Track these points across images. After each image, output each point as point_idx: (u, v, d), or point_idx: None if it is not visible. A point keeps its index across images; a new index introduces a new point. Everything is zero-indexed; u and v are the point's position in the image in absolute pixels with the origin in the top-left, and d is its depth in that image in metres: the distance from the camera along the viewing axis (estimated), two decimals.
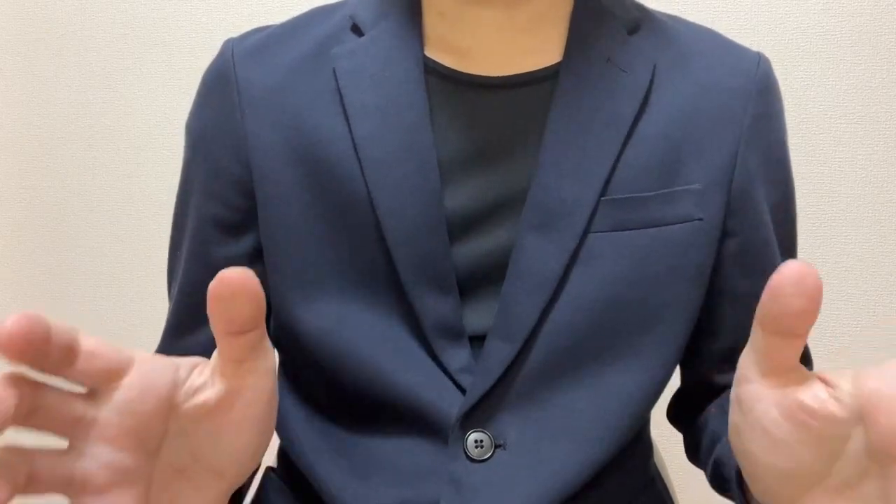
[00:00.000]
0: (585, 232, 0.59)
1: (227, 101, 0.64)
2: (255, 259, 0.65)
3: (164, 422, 0.38)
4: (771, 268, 0.66)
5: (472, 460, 0.58)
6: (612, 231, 0.59)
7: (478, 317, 0.60)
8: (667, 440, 0.74)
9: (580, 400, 0.60)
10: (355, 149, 0.59)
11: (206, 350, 0.65)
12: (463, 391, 0.59)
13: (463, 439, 0.58)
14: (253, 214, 0.64)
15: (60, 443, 0.37)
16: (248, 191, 0.64)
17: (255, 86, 0.63)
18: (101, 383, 0.36)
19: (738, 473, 0.52)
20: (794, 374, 0.38)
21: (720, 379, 0.68)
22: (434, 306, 0.59)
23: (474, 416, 0.59)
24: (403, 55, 0.61)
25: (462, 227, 0.60)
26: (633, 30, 0.64)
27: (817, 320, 1.18)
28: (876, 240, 1.19)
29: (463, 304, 0.60)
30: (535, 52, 0.62)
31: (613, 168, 0.59)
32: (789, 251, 0.68)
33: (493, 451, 0.59)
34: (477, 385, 0.58)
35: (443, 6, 0.62)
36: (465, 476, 0.58)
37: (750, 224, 0.64)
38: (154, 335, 0.72)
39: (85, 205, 1.28)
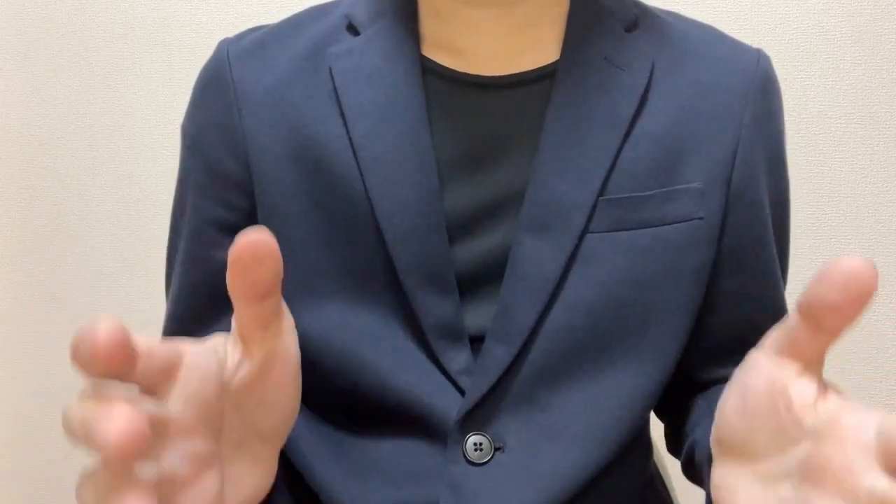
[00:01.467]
0: (583, 232, 0.58)
1: (224, 101, 0.64)
2: None
3: (221, 402, 0.38)
4: (763, 267, 0.66)
5: (472, 463, 0.58)
6: (611, 231, 0.59)
7: (478, 317, 0.60)
8: (664, 440, 0.74)
9: (579, 402, 0.60)
10: (353, 149, 0.59)
11: None
12: (462, 393, 0.59)
13: (462, 442, 0.58)
14: (252, 215, 0.64)
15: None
16: (248, 191, 0.64)
17: (252, 86, 0.63)
18: (161, 381, 0.35)
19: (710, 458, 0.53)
20: (805, 369, 0.38)
21: (706, 375, 0.67)
22: (434, 307, 0.59)
23: (473, 419, 0.59)
24: (400, 55, 0.61)
25: (461, 227, 0.59)
26: (631, 28, 0.63)
27: None
28: (876, 240, 1.19)
29: (463, 304, 0.60)
30: (532, 51, 0.62)
31: (612, 167, 0.59)
32: (781, 250, 0.68)
33: (493, 454, 0.59)
34: (476, 387, 0.58)
35: (438, 5, 0.62)
36: (464, 479, 0.58)
37: (746, 223, 0.64)
38: (155, 335, 0.72)
39: (85, 205, 1.28)
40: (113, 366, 0.31)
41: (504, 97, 0.61)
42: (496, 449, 0.59)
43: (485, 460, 0.58)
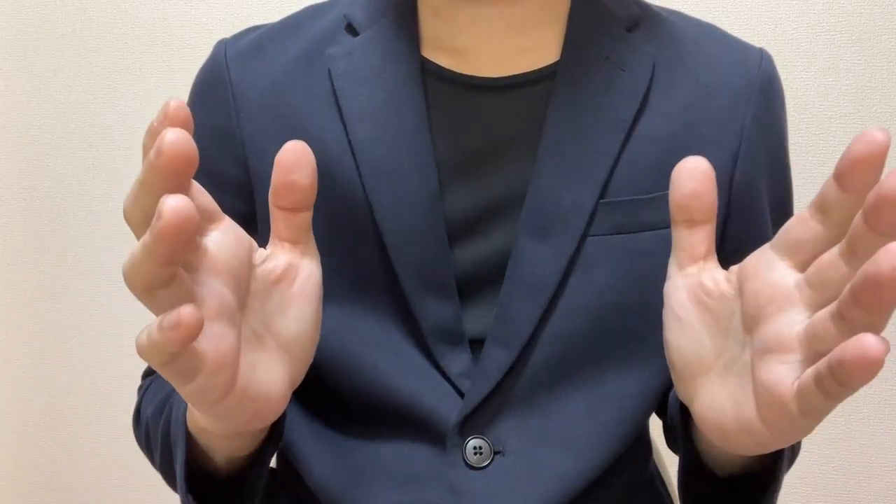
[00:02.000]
0: (584, 236, 0.58)
1: (223, 103, 0.63)
2: None
3: (249, 275, 0.40)
4: None
5: (471, 467, 0.58)
6: (611, 235, 0.58)
7: (478, 321, 0.60)
8: (664, 439, 0.74)
9: (579, 406, 0.59)
10: (352, 152, 0.59)
11: None
12: (462, 396, 0.59)
13: (462, 446, 0.58)
14: (253, 218, 0.64)
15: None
16: (246, 194, 0.63)
17: (250, 87, 0.63)
18: (203, 224, 0.37)
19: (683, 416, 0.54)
20: (704, 264, 0.42)
21: None
22: (433, 310, 0.59)
23: (473, 422, 0.58)
24: (400, 56, 0.60)
25: (461, 230, 0.59)
26: (633, 27, 0.62)
27: None
28: None
29: (463, 308, 0.59)
30: (532, 51, 0.61)
31: (612, 170, 0.58)
32: None
33: (492, 458, 0.58)
34: (475, 391, 0.58)
35: (438, 4, 0.62)
36: (463, 483, 0.58)
37: (746, 224, 0.63)
38: None
39: (85, 205, 1.28)
40: (180, 175, 0.33)
41: (504, 99, 0.60)
42: (496, 453, 0.58)
43: (484, 464, 0.58)
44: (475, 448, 0.58)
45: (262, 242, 0.63)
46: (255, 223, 0.64)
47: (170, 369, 0.34)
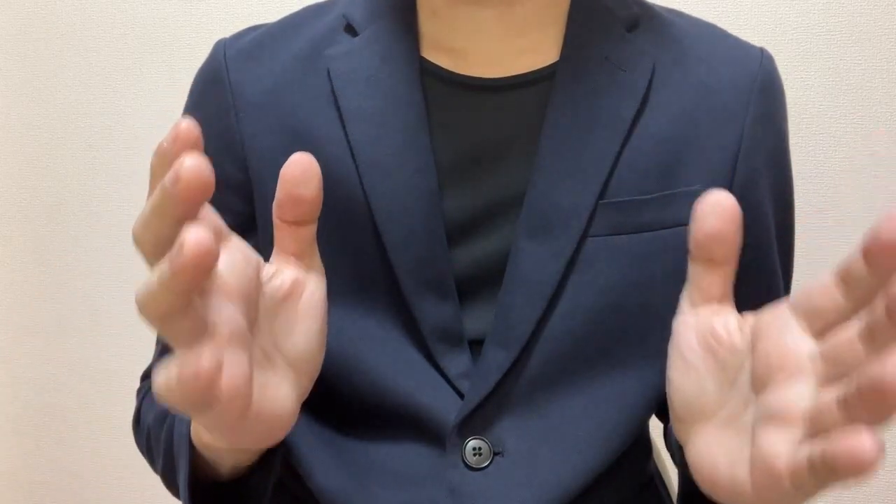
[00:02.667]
0: (583, 237, 0.58)
1: (221, 103, 0.63)
2: None
3: (258, 295, 0.39)
4: (766, 271, 0.65)
5: (471, 468, 0.58)
6: (611, 235, 0.58)
7: (477, 321, 0.60)
8: (663, 440, 0.74)
9: (578, 407, 0.59)
10: (352, 152, 0.59)
11: None
12: (461, 397, 0.59)
13: (461, 446, 0.58)
14: (252, 218, 0.64)
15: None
16: (246, 195, 0.63)
17: (249, 88, 0.63)
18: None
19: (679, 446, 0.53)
20: (719, 307, 0.40)
21: None
22: (433, 311, 0.58)
23: (472, 423, 0.58)
24: (399, 56, 0.60)
25: (461, 230, 0.59)
26: (632, 27, 0.62)
27: None
28: None
29: (462, 308, 0.59)
30: (531, 52, 0.61)
31: (611, 171, 0.58)
32: (786, 252, 0.68)
33: (492, 459, 0.58)
34: (474, 391, 0.58)
35: (437, 5, 0.61)
36: (462, 484, 0.58)
37: (747, 226, 0.63)
38: (154, 335, 0.72)
39: (85, 205, 1.28)
40: (195, 200, 0.31)
41: (503, 99, 0.60)
42: (495, 454, 0.58)
43: (484, 465, 0.58)
44: (474, 449, 0.58)
45: (262, 242, 0.63)
46: (255, 223, 0.64)
47: (186, 406, 0.33)
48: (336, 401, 0.62)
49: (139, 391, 0.69)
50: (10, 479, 1.38)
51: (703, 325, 0.40)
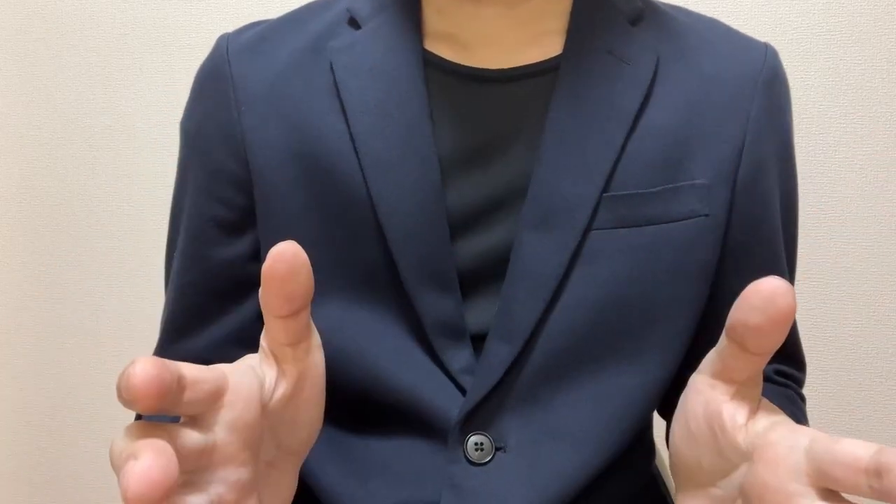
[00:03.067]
0: (586, 230, 0.58)
1: (223, 97, 0.63)
2: (255, 259, 0.65)
3: (262, 426, 0.37)
4: (771, 265, 0.65)
5: (473, 463, 0.58)
6: (614, 228, 0.58)
7: (480, 316, 0.59)
8: (665, 441, 0.74)
9: (581, 401, 0.59)
10: (354, 145, 0.59)
11: (206, 352, 0.65)
12: (464, 392, 0.58)
13: (463, 442, 0.58)
14: (252, 213, 0.64)
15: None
16: (247, 189, 0.63)
17: (252, 82, 0.63)
18: (207, 408, 0.34)
19: None
20: (737, 391, 0.38)
21: None
22: (435, 305, 0.58)
23: (475, 418, 0.58)
24: (402, 48, 0.60)
25: (463, 223, 0.59)
26: (636, 21, 0.62)
27: (818, 320, 1.18)
28: (876, 240, 1.19)
29: (464, 302, 0.59)
30: (535, 44, 0.61)
31: (616, 163, 0.58)
32: (790, 247, 0.68)
33: (494, 454, 0.58)
34: (477, 386, 0.58)
35: (440, 3, 0.62)
36: (464, 479, 0.57)
37: (752, 220, 0.63)
38: (154, 335, 0.72)
39: (85, 205, 1.28)
40: (152, 403, 0.30)
41: (507, 91, 0.60)
42: (497, 449, 0.58)
43: (486, 460, 0.58)
44: (476, 444, 0.58)
45: (260, 236, 0.63)
46: (256, 218, 0.64)
47: None
48: (337, 396, 0.62)
49: None
50: (10, 479, 1.37)
51: (713, 403, 0.38)
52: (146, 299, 1.30)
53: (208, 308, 0.65)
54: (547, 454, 0.58)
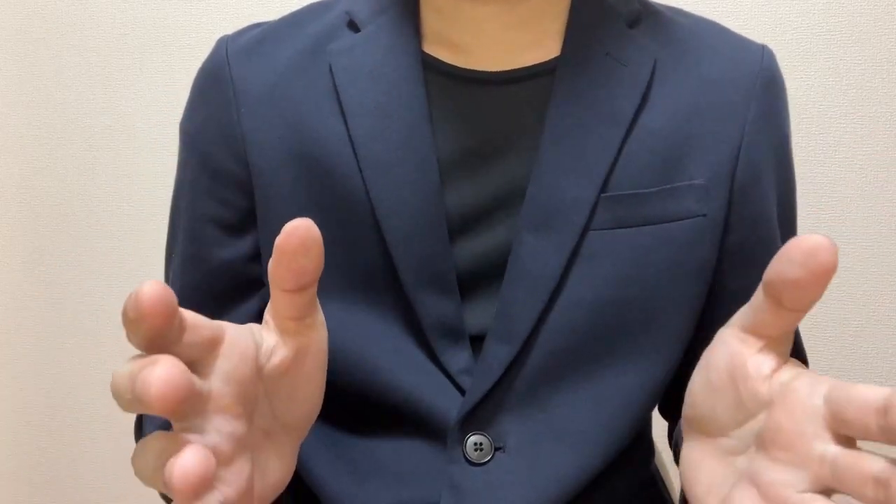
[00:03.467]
0: (585, 230, 0.58)
1: (223, 99, 0.63)
2: (255, 260, 0.65)
3: (256, 386, 0.38)
4: (768, 264, 0.65)
5: (472, 463, 0.58)
6: (613, 229, 0.58)
7: (479, 317, 0.60)
8: (667, 440, 0.74)
9: (580, 401, 0.59)
10: (353, 148, 0.59)
11: None
12: (463, 393, 0.58)
13: (462, 442, 0.58)
14: (253, 214, 0.64)
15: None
16: (248, 190, 0.63)
17: (251, 84, 0.63)
18: (204, 354, 0.35)
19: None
20: (765, 345, 0.38)
21: None
22: (434, 306, 0.58)
23: (474, 419, 0.58)
24: (401, 51, 0.60)
25: (462, 225, 0.59)
26: (634, 23, 0.63)
27: (818, 320, 1.18)
28: (876, 240, 1.19)
29: (463, 303, 0.59)
30: (533, 46, 0.62)
31: (613, 164, 0.58)
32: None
33: (493, 454, 0.58)
34: (476, 387, 0.58)
35: (439, 2, 0.62)
36: (464, 480, 0.57)
37: (750, 220, 0.63)
38: None
39: (85, 205, 1.28)
40: (158, 322, 0.31)
41: (505, 93, 0.60)
42: (496, 449, 0.58)
43: (485, 460, 0.58)
44: (476, 444, 0.58)
45: (260, 237, 0.63)
46: (256, 219, 0.64)
47: None
48: (336, 397, 0.62)
49: None
50: (10, 479, 1.37)
51: (739, 354, 0.38)
52: None
53: (209, 309, 0.65)
54: (546, 454, 0.58)
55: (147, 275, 1.29)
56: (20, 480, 1.37)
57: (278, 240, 0.35)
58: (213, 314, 0.65)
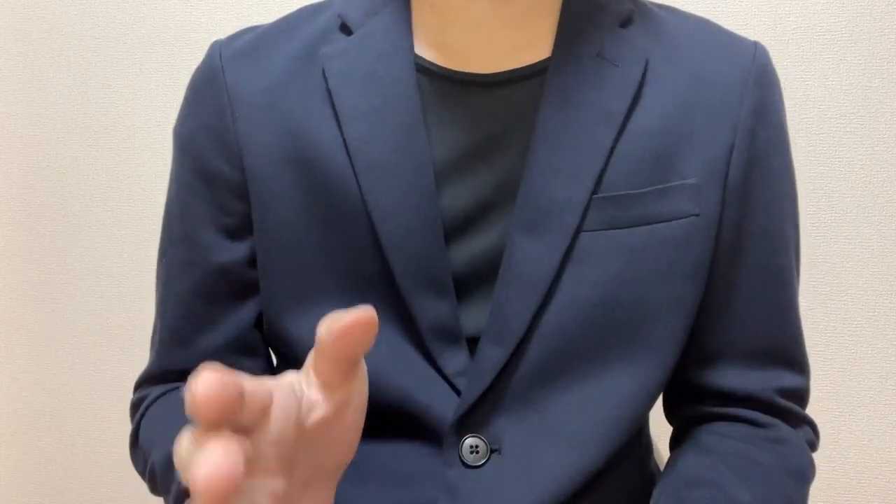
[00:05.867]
0: (577, 231, 0.58)
1: (217, 104, 0.63)
2: (252, 264, 0.65)
3: (299, 442, 0.37)
4: (766, 264, 0.65)
5: (468, 466, 0.58)
6: (605, 230, 0.58)
7: (474, 318, 0.60)
8: (666, 439, 0.74)
9: (576, 402, 0.59)
10: (348, 151, 0.59)
11: (207, 358, 0.65)
12: (459, 395, 0.59)
13: (458, 445, 0.58)
14: (247, 218, 0.64)
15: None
16: (242, 194, 0.63)
17: (245, 88, 0.63)
18: (255, 422, 0.34)
19: None
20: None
21: (711, 381, 0.65)
22: (430, 309, 0.58)
23: (469, 421, 0.58)
24: (394, 54, 0.60)
25: (457, 227, 0.59)
26: (625, 23, 0.63)
27: (818, 320, 1.17)
28: (876, 240, 1.19)
29: (459, 306, 0.59)
30: (525, 47, 0.61)
31: (605, 164, 0.58)
32: (792, 244, 0.67)
33: (489, 456, 0.58)
34: (471, 389, 0.58)
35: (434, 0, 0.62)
36: (460, 482, 0.58)
37: (745, 219, 0.63)
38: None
39: (85, 205, 1.28)
40: (214, 418, 0.30)
41: (497, 95, 0.60)
42: (492, 451, 0.58)
43: (481, 462, 0.58)
44: (472, 447, 0.58)
45: (256, 241, 0.63)
46: (251, 223, 0.64)
47: None
48: None
49: (134, 406, 0.69)
50: (10, 479, 1.38)
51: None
52: (146, 299, 1.30)
53: (204, 315, 0.65)
54: (542, 455, 0.58)
55: (147, 275, 1.29)
56: (20, 480, 1.37)
57: (340, 325, 0.35)
58: (209, 322, 0.65)
